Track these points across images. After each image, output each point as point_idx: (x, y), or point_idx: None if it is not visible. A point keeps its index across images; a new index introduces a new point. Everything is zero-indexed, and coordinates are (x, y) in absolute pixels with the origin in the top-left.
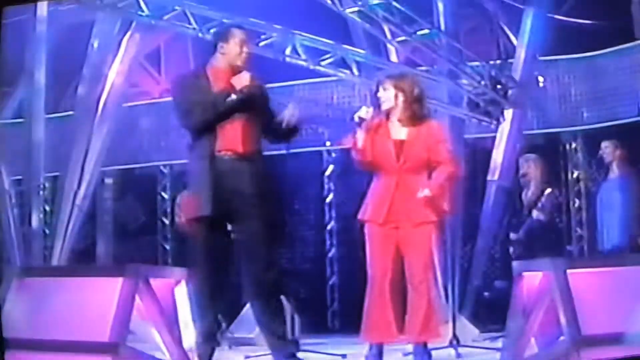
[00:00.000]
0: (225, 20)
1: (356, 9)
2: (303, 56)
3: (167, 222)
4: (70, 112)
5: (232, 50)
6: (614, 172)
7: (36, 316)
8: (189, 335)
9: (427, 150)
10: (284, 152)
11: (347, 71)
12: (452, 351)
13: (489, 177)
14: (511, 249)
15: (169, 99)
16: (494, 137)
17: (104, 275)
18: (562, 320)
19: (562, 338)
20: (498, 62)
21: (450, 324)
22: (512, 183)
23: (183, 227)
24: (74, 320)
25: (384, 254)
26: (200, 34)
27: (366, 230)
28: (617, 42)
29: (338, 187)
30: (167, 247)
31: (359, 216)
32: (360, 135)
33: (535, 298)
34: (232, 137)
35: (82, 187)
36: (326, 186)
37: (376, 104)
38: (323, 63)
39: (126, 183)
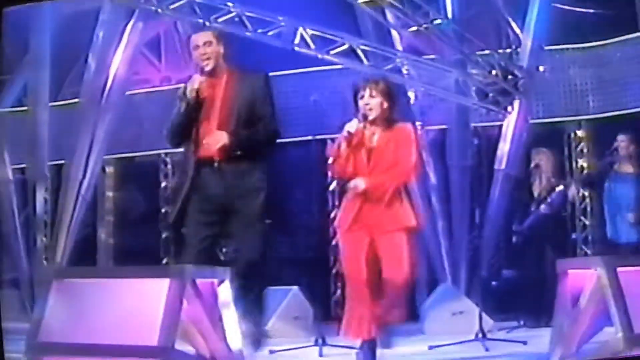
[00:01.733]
0: (232, 10)
1: None
2: (312, 45)
3: (169, 210)
4: (73, 101)
5: (193, 56)
6: (628, 167)
7: (77, 319)
8: (235, 337)
9: (395, 154)
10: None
11: (356, 61)
12: (480, 345)
13: (496, 166)
14: (514, 239)
15: (170, 86)
16: (500, 126)
17: (149, 276)
18: (615, 318)
19: (615, 334)
20: (507, 51)
21: (477, 318)
22: (519, 172)
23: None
24: (119, 324)
25: (356, 257)
26: (207, 24)
27: (338, 235)
28: (622, 32)
29: None
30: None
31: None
32: (345, 150)
33: (584, 296)
34: (210, 144)
35: (87, 176)
36: (329, 174)
37: (358, 110)
38: (332, 52)
39: (127, 171)
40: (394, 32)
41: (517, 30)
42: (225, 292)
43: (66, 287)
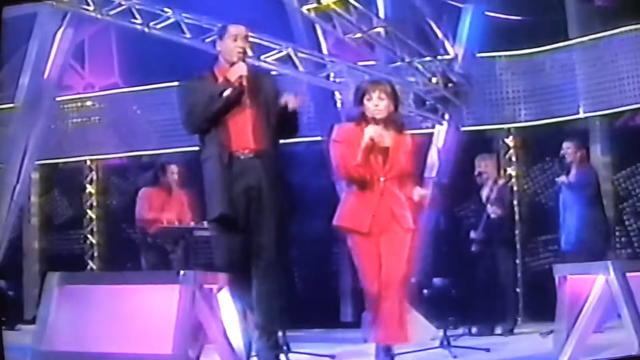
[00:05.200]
0: (170, 16)
1: (313, 5)
2: (249, 52)
3: (93, 216)
4: (3, 106)
5: (227, 45)
6: (575, 173)
7: (83, 327)
8: (237, 341)
9: (406, 160)
10: None
11: (292, 67)
12: (445, 352)
13: (426, 174)
14: (473, 247)
15: (94, 93)
16: (431, 134)
17: (155, 282)
18: (627, 321)
19: (628, 337)
20: (447, 57)
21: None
22: (449, 180)
23: (143, 223)
24: (129, 331)
25: (373, 262)
26: (146, 30)
27: (350, 240)
28: (553, 40)
29: None
30: (94, 240)
31: (337, 222)
32: (364, 155)
33: (591, 300)
34: (243, 134)
35: (19, 182)
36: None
37: (360, 110)
38: (268, 59)
39: (52, 177)
40: (321, 38)
41: (441, 36)
42: (225, 298)
43: (69, 293)
